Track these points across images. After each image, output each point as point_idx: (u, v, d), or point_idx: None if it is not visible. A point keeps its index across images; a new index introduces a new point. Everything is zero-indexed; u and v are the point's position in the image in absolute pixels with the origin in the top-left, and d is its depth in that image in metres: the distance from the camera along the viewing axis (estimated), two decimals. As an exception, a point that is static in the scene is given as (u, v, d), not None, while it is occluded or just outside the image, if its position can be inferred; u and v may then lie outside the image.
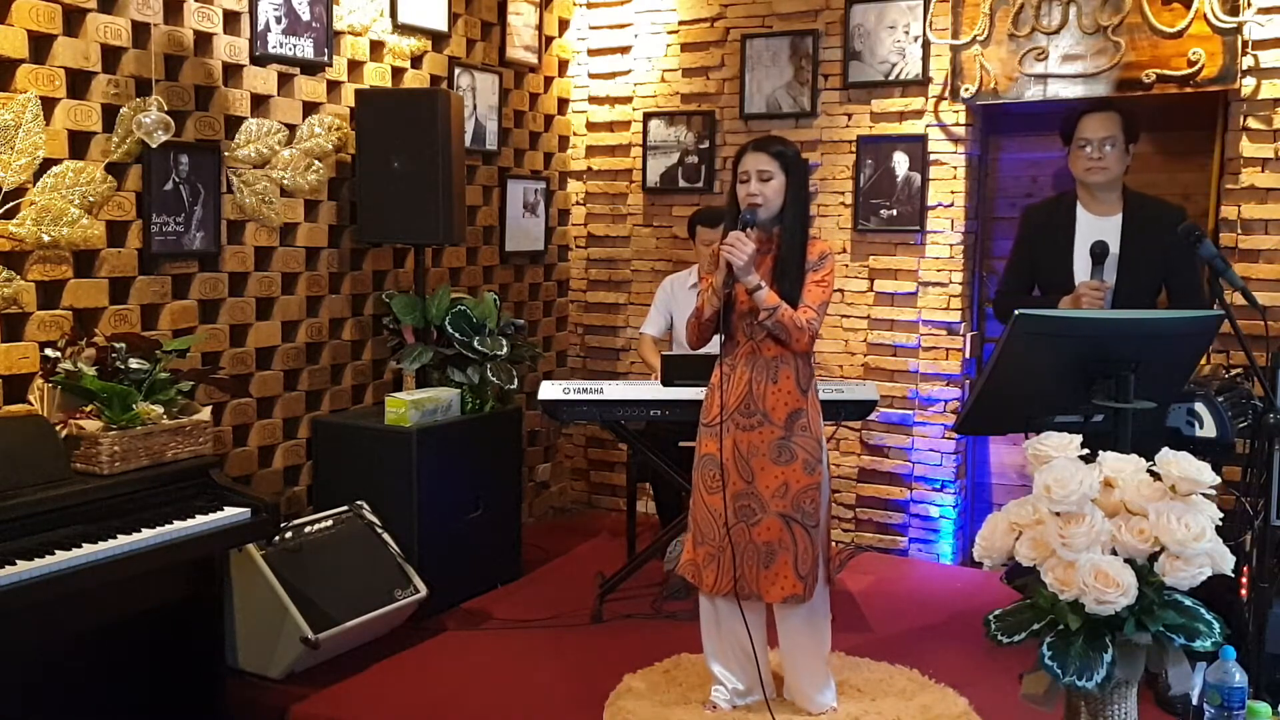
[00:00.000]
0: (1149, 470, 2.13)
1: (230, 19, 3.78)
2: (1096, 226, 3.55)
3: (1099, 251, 3.44)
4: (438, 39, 4.68)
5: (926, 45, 4.70)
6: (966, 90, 4.57)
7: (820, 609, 3.24)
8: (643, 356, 4.79)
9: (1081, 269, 3.50)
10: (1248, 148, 4.16)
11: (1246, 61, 4.10)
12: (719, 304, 3.09)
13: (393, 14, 4.43)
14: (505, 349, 4.26)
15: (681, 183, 5.31)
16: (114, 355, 3.11)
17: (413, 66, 4.57)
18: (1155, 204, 3.60)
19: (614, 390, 3.99)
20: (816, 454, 3.16)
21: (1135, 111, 3.63)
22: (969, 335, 4.84)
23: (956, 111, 4.70)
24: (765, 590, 3.13)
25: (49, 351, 3.12)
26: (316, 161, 4.11)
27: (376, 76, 4.39)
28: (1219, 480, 2.10)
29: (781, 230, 3.14)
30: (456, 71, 4.76)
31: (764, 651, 3.27)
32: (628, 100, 5.45)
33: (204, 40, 3.70)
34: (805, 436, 3.14)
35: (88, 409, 3.02)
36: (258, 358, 3.97)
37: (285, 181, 4.00)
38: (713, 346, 3.38)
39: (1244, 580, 3.02)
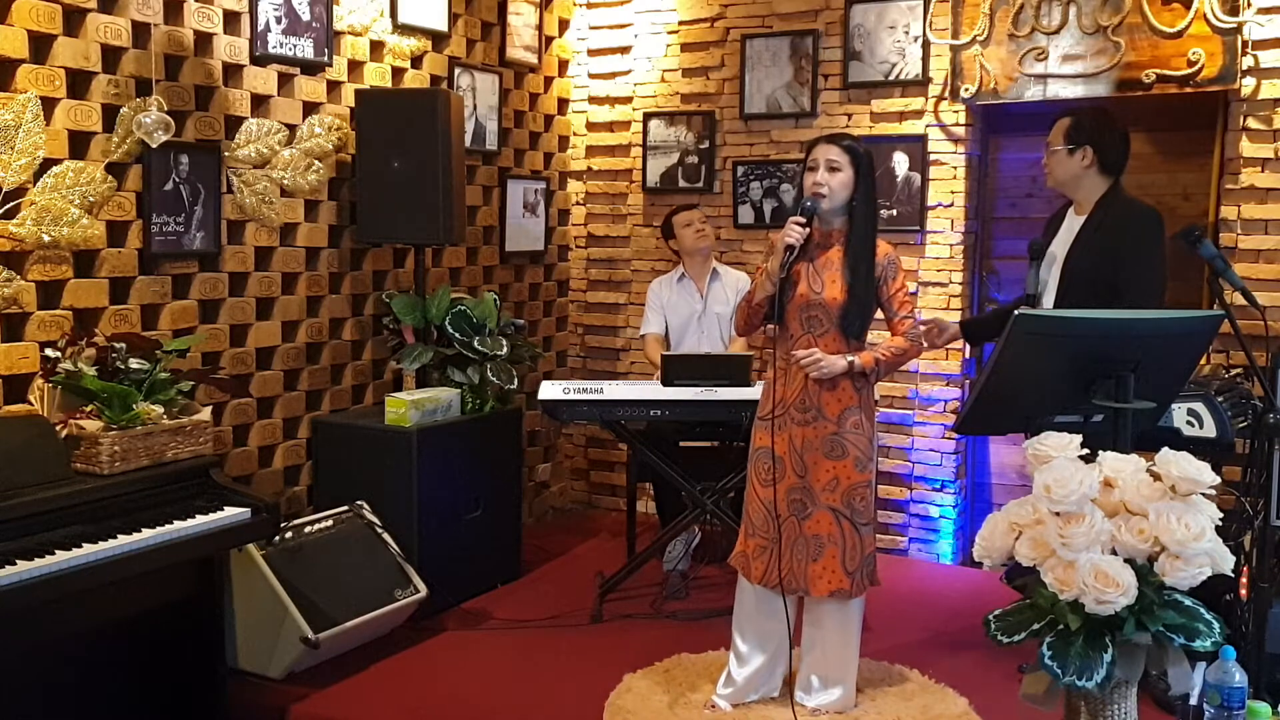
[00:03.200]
0: (1149, 470, 2.13)
1: (230, 19, 3.78)
2: (1068, 227, 3.61)
3: (1033, 248, 3.54)
4: (438, 39, 4.68)
5: (926, 45, 4.70)
6: (966, 90, 4.57)
7: (857, 609, 3.25)
8: (649, 358, 4.79)
9: (1054, 271, 3.58)
10: (1248, 148, 4.16)
11: (1246, 61, 4.11)
12: (773, 289, 3.12)
13: (393, 14, 4.43)
14: (505, 349, 4.26)
15: (681, 183, 5.31)
16: (114, 355, 3.11)
17: (413, 66, 4.58)
18: (1124, 205, 3.56)
19: (614, 390, 3.99)
20: (868, 452, 3.19)
21: (1090, 112, 3.63)
22: (969, 335, 4.84)
23: (956, 111, 4.70)
24: (812, 584, 3.15)
25: (49, 351, 3.12)
26: (316, 161, 4.11)
27: (376, 76, 4.39)
28: (1219, 480, 2.10)
29: (850, 226, 3.18)
30: (456, 71, 4.76)
31: (789, 646, 3.30)
32: (628, 100, 5.45)
33: (204, 40, 3.70)
34: (857, 434, 3.17)
35: (88, 409, 3.02)
36: (258, 358, 3.97)
37: (285, 181, 4.00)
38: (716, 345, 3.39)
39: (1244, 580, 3.02)
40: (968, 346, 4.81)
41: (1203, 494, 2.07)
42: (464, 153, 4.35)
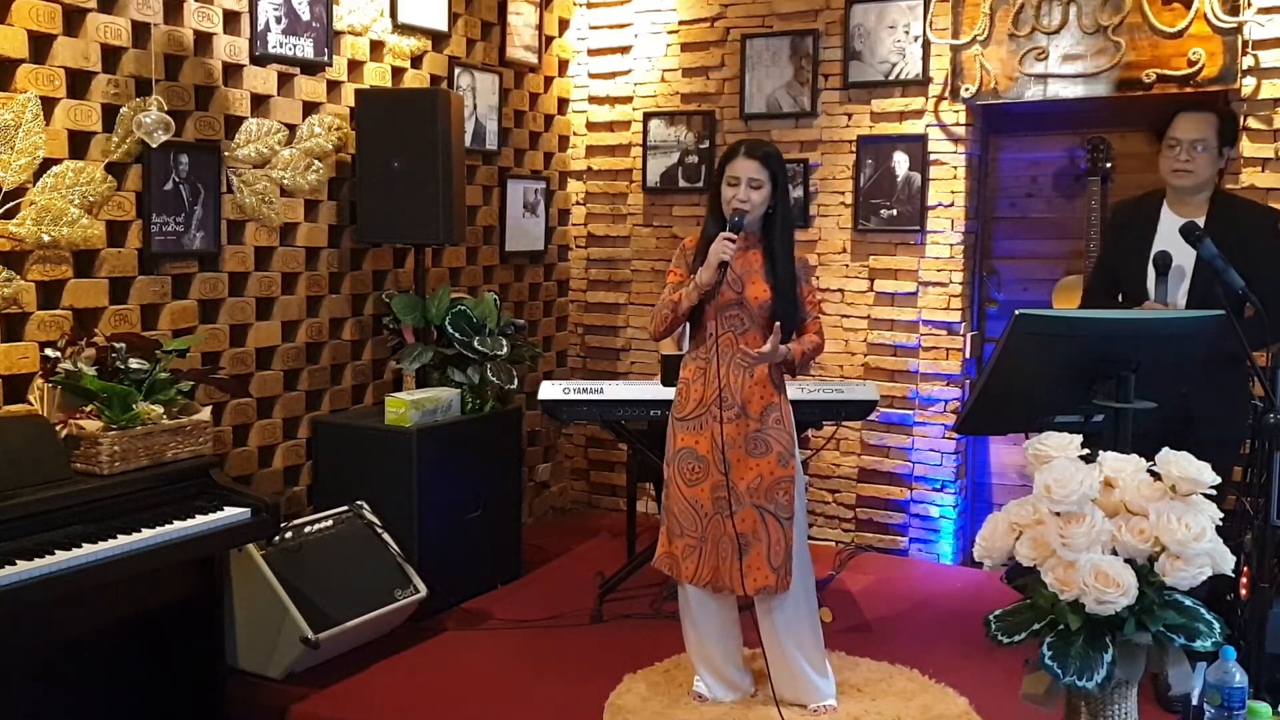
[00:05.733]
0: (1149, 470, 2.13)
1: (230, 19, 3.78)
2: (1176, 228, 3.35)
3: (1160, 262, 3.32)
4: (438, 39, 4.68)
5: (926, 45, 4.70)
6: (966, 90, 4.57)
7: (806, 601, 3.26)
8: (661, 349, 4.75)
9: (1152, 277, 3.38)
10: (1248, 148, 4.15)
11: (1246, 61, 4.10)
12: (697, 300, 3.15)
13: (393, 14, 4.43)
14: (505, 349, 4.26)
15: (681, 183, 5.31)
16: (114, 355, 3.11)
17: (413, 66, 4.57)
18: (1244, 206, 3.48)
19: (614, 390, 3.99)
20: (790, 447, 3.22)
21: (1233, 113, 3.52)
22: (969, 335, 4.84)
23: (956, 111, 4.70)
24: (737, 583, 3.16)
25: (49, 351, 3.12)
26: (316, 161, 4.11)
27: (376, 76, 4.39)
28: (1219, 480, 2.10)
29: (771, 233, 3.22)
30: (456, 71, 4.76)
31: (738, 644, 3.33)
32: (628, 100, 5.45)
33: (204, 40, 3.70)
34: (779, 430, 3.20)
35: (88, 409, 3.02)
36: (258, 358, 3.97)
37: (285, 181, 4.00)
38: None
39: (1244, 580, 3.02)
40: (968, 346, 4.81)
41: (1203, 494, 2.08)
42: (464, 153, 4.35)
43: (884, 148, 4.83)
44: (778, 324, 3.12)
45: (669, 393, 3.89)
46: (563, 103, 5.53)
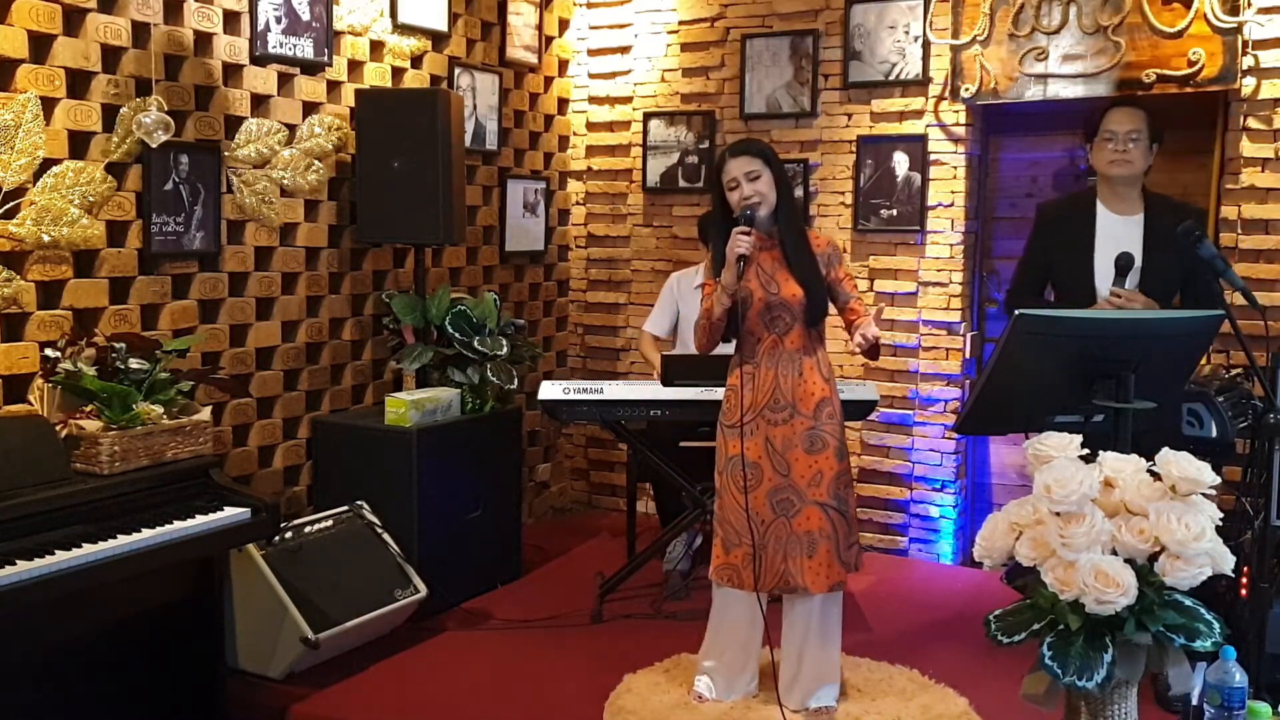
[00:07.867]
0: (1149, 470, 2.13)
1: (230, 19, 3.78)
2: (1117, 226, 3.48)
3: (1124, 263, 3.36)
4: (438, 39, 4.68)
5: (926, 45, 4.70)
6: (966, 90, 4.57)
7: (840, 598, 3.28)
8: (643, 354, 4.80)
9: (1103, 274, 3.43)
10: (1248, 148, 4.16)
11: (1246, 61, 4.11)
12: (729, 303, 3.14)
13: (393, 14, 4.43)
14: (505, 349, 4.26)
15: (681, 183, 5.31)
16: (114, 355, 3.11)
17: (413, 66, 4.57)
18: (1176, 206, 3.54)
19: (614, 390, 3.99)
20: (844, 440, 3.23)
21: (1160, 111, 3.59)
22: (969, 335, 4.84)
23: (956, 111, 4.70)
24: (811, 581, 3.15)
25: (49, 351, 3.12)
26: (316, 161, 4.11)
27: (376, 76, 4.39)
28: (1219, 480, 2.10)
29: (781, 225, 3.23)
30: (456, 71, 4.76)
31: (759, 646, 3.32)
32: (628, 100, 5.45)
33: (204, 40, 3.70)
34: (833, 424, 3.21)
35: (88, 409, 3.02)
36: (258, 358, 3.97)
37: (285, 181, 4.00)
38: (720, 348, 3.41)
39: (1244, 580, 3.02)
40: (968, 346, 4.81)
41: (1203, 494, 2.08)
42: (464, 153, 4.35)
43: (884, 148, 4.83)
44: (876, 308, 3.20)
45: (669, 393, 3.91)
46: (563, 103, 5.53)
